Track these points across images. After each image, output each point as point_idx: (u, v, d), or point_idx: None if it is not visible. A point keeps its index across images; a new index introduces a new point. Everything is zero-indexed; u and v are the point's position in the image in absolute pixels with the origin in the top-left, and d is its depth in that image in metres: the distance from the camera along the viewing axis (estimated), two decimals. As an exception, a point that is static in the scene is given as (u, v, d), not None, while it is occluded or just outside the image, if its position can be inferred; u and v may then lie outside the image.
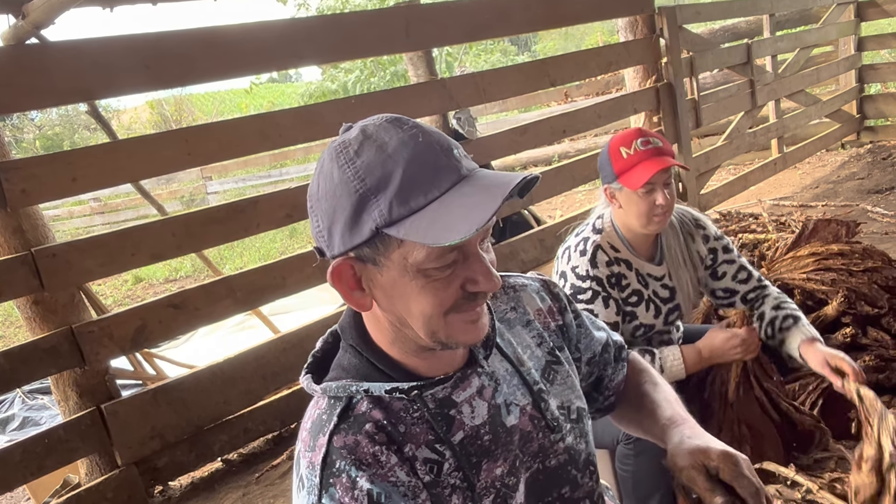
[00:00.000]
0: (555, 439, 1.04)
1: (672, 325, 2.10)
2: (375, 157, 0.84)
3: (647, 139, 1.90)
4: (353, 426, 0.91)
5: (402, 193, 0.82)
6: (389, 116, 0.88)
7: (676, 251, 2.07)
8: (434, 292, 0.87)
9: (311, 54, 3.34)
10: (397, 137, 0.85)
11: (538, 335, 1.11)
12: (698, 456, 0.98)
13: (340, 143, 0.88)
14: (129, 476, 2.88)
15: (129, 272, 8.93)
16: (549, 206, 7.53)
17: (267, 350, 3.25)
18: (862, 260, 2.39)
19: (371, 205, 0.83)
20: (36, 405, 4.53)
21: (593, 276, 1.94)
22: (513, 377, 1.03)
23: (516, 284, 1.15)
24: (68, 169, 2.68)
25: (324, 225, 0.88)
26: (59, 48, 2.69)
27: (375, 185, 0.83)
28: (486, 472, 0.97)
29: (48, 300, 2.73)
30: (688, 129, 5.11)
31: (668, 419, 1.10)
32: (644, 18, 4.86)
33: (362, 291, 0.92)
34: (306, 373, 1.00)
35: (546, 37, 25.05)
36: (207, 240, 3.12)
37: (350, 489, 0.86)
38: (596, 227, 2.03)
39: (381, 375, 0.96)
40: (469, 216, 0.80)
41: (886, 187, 5.54)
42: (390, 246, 0.85)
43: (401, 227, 0.82)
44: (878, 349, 2.26)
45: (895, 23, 10.69)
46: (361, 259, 0.88)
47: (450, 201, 0.82)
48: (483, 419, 0.98)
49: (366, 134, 0.87)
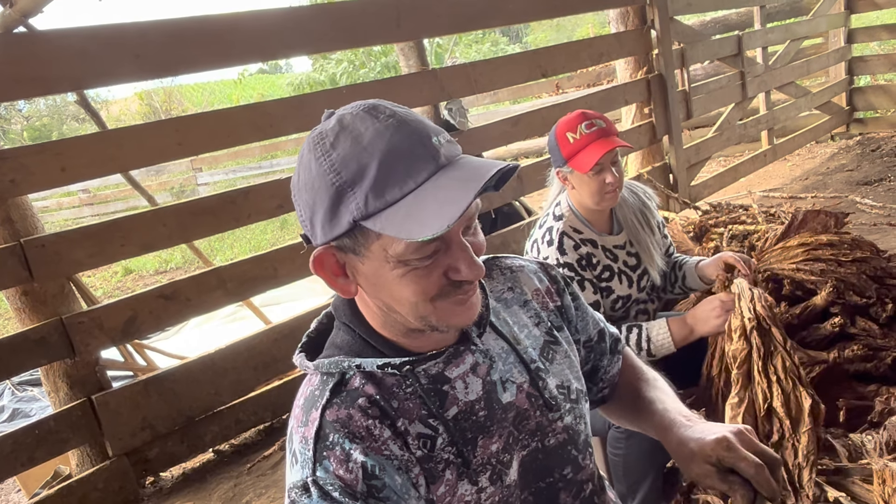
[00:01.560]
0: (553, 418, 1.04)
1: (644, 291, 2.15)
2: (351, 150, 0.84)
3: (591, 122, 1.97)
4: (345, 401, 0.91)
5: (377, 186, 0.82)
6: (367, 104, 0.88)
7: (632, 219, 2.15)
8: (416, 281, 0.87)
9: (301, 44, 3.33)
10: (373, 128, 0.84)
11: (535, 315, 1.11)
12: (699, 458, 0.97)
13: (318, 133, 0.88)
14: (121, 467, 2.88)
15: (119, 264, 8.90)
16: (541, 198, 7.53)
17: (258, 341, 3.24)
18: (850, 250, 2.40)
19: (348, 197, 0.83)
20: (26, 397, 4.51)
21: (564, 263, 1.99)
22: (509, 355, 1.04)
23: (514, 266, 1.15)
24: (57, 159, 2.66)
25: (306, 215, 0.88)
26: (47, 37, 2.67)
27: (351, 178, 0.83)
28: (483, 448, 0.97)
29: (37, 291, 2.72)
30: (678, 120, 5.12)
31: (663, 418, 1.09)
32: (635, 10, 4.86)
33: (346, 278, 0.92)
34: (300, 351, 1.00)
35: (538, 28, 25.00)
36: (198, 230, 3.11)
37: (344, 462, 0.87)
38: (556, 215, 2.09)
39: (373, 351, 0.96)
40: (442, 211, 0.79)
41: (875, 179, 5.57)
42: (369, 237, 0.85)
43: (377, 221, 0.82)
44: (866, 338, 2.27)
45: (885, 15, 10.75)
46: (343, 249, 0.89)
47: (424, 195, 0.82)
48: (478, 395, 0.98)
49: (342, 124, 0.86)
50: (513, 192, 4.22)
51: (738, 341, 1.77)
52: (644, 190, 2.26)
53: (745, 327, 1.77)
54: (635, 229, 2.15)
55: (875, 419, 1.98)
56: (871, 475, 1.54)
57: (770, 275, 2.41)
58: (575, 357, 1.14)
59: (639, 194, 2.23)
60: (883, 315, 2.30)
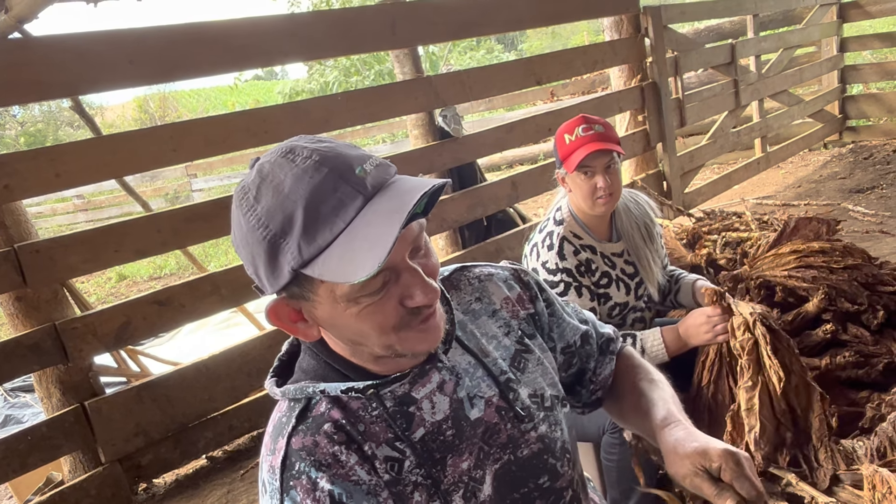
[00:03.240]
0: (526, 429, 1.03)
1: (641, 299, 2.16)
2: (273, 201, 0.82)
3: (590, 125, 2.00)
4: (311, 427, 0.91)
5: (307, 233, 0.81)
6: (284, 148, 0.86)
7: (630, 229, 2.16)
8: (371, 317, 0.86)
9: (296, 51, 3.33)
10: (292, 174, 0.82)
11: (505, 324, 1.10)
12: (697, 459, 0.95)
13: (242, 188, 0.87)
14: (113, 473, 2.87)
15: (113, 270, 8.88)
16: (535, 205, 7.55)
17: (252, 347, 3.24)
18: (842, 258, 2.41)
19: (282, 248, 0.82)
20: (18, 403, 4.49)
21: (563, 269, 2.00)
22: (476, 369, 1.03)
23: (482, 275, 1.14)
24: (52, 165, 2.66)
25: (251, 269, 0.88)
26: (42, 43, 2.67)
27: (280, 228, 0.81)
28: (452, 467, 0.96)
29: (31, 296, 2.71)
30: (672, 128, 5.15)
31: (662, 419, 1.07)
32: (629, 18, 4.89)
33: (306, 322, 0.91)
34: (271, 377, 1.01)
35: (533, 36, 25.10)
36: (193, 236, 3.11)
37: (311, 491, 0.87)
38: (556, 220, 2.11)
39: (337, 376, 0.96)
40: (372, 251, 0.78)
41: (867, 187, 5.60)
42: (314, 283, 0.85)
43: (314, 267, 0.81)
44: (857, 345, 2.29)
45: (877, 24, 10.82)
46: (293, 297, 0.88)
47: (355, 233, 0.80)
48: (445, 414, 0.97)
49: (262, 175, 0.84)
50: (507, 198, 4.22)
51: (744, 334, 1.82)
52: (647, 202, 2.27)
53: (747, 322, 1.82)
54: (634, 241, 2.16)
55: (866, 425, 1.99)
56: (861, 481, 1.54)
57: (762, 281, 2.42)
58: (550, 363, 1.12)
59: (643, 205, 2.24)
60: (874, 322, 2.32)
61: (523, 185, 4.24)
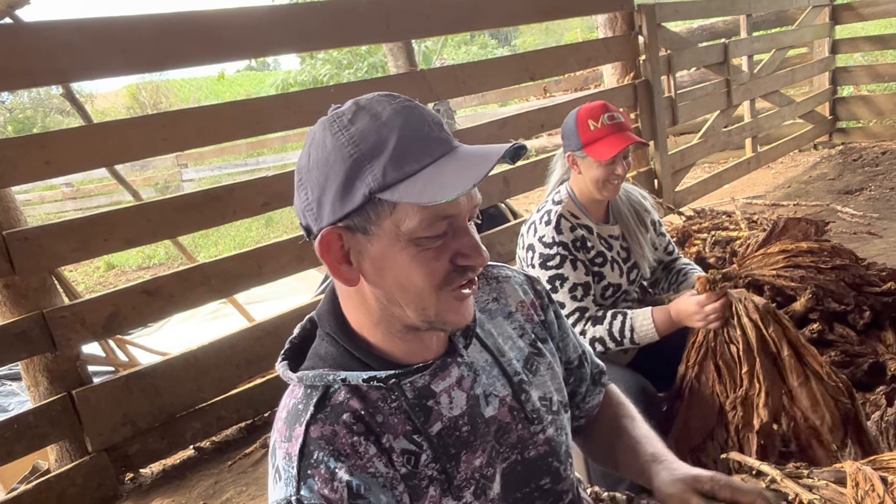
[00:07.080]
0: (535, 431, 1.04)
1: (634, 285, 2.22)
2: (370, 125, 0.85)
3: (613, 114, 2.06)
4: (330, 416, 0.90)
5: (396, 159, 0.83)
6: (381, 92, 0.90)
7: (626, 214, 2.23)
8: (425, 262, 0.87)
9: (290, 42, 3.32)
10: (391, 108, 0.86)
11: (520, 327, 1.11)
12: (689, 482, 1.00)
13: (333, 114, 0.89)
14: (100, 463, 2.86)
15: (102, 259, 8.83)
16: (527, 200, 7.56)
17: (241, 338, 3.23)
18: (830, 258, 2.43)
19: (365, 170, 0.84)
20: (4, 391, 4.46)
21: (559, 242, 2.04)
22: (492, 368, 1.03)
23: (499, 275, 1.15)
24: (41, 152, 2.64)
25: (313, 196, 0.88)
26: (33, 29, 2.65)
27: (370, 150, 0.84)
28: (466, 463, 0.96)
29: (19, 284, 2.69)
30: (664, 126, 5.16)
31: (652, 456, 1.10)
32: (623, 15, 4.90)
33: (349, 265, 0.90)
34: (283, 359, 0.98)
35: (526, 31, 25.09)
36: (183, 226, 3.09)
37: (329, 481, 0.85)
38: (555, 200, 2.15)
39: (358, 364, 0.94)
40: (464, 175, 0.81)
41: (856, 188, 5.64)
42: (382, 213, 0.85)
43: (395, 191, 0.83)
44: (843, 345, 2.31)
45: (869, 27, 10.89)
46: (351, 229, 0.87)
47: (443, 166, 0.84)
48: (462, 410, 0.97)
49: (359, 105, 0.88)
50: (499, 193, 4.23)
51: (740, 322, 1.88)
52: (639, 191, 2.34)
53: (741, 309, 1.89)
54: (627, 224, 2.22)
55: (850, 424, 2.01)
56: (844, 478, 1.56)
57: (751, 280, 2.44)
58: (558, 368, 1.14)
59: (633, 193, 2.31)
60: (860, 322, 2.34)
61: (515, 181, 4.24)
